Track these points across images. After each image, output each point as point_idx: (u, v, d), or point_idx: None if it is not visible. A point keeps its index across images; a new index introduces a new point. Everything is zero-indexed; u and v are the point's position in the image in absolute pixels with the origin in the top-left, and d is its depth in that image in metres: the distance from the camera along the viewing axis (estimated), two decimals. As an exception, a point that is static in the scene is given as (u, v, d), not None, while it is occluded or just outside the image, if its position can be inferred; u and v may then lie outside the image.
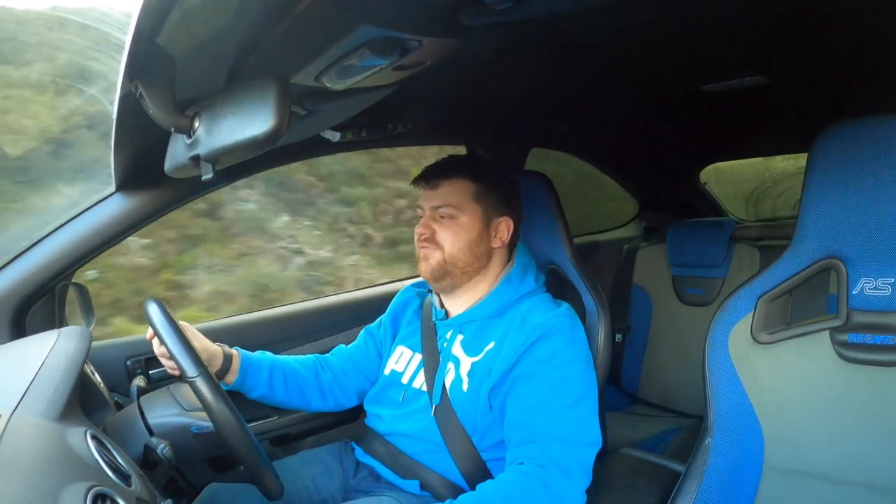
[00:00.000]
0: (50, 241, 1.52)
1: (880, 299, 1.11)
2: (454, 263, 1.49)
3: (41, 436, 0.87)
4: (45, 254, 1.50)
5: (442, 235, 1.49)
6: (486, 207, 1.50)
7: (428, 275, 1.51)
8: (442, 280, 1.52)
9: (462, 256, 1.49)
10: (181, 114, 0.95)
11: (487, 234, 1.51)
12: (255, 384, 1.58)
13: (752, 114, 2.14)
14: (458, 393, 1.46)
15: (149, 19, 0.75)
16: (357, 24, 0.86)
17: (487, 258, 1.53)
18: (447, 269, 1.49)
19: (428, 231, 1.50)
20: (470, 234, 1.48)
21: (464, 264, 1.49)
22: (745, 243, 2.60)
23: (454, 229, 1.48)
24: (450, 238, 1.48)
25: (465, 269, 1.50)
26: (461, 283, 1.53)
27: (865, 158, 1.09)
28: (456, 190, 1.49)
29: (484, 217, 1.50)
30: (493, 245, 1.52)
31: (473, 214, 1.49)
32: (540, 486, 1.25)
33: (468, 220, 1.48)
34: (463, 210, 1.48)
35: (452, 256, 1.48)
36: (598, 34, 1.27)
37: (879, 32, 1.32)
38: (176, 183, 1.52)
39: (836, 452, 1.16)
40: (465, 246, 1.48)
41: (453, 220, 1.49)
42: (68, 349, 1.16)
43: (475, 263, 1.51)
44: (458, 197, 1.49)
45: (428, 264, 1.50)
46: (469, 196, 1.49)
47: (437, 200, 1.50)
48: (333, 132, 1.57)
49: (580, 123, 2.36)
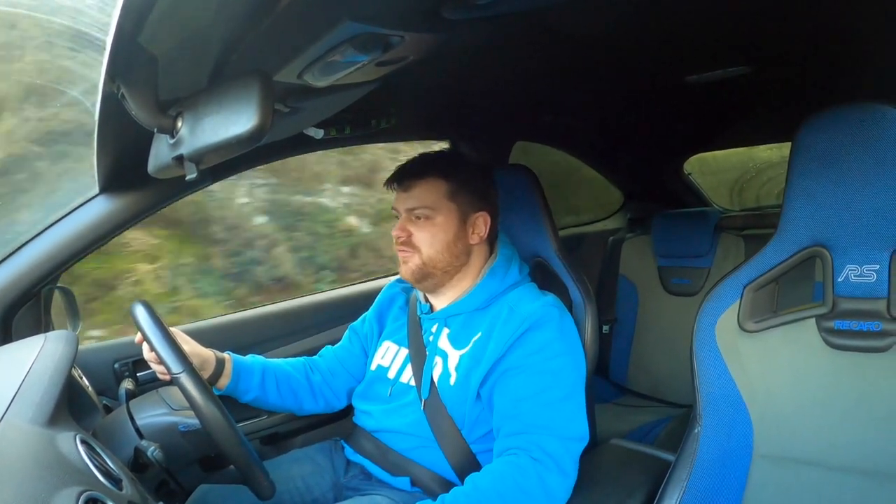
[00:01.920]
0: (33, 245, 1.50)
1: (866, 286, 1.12)
2: (433, 265, 1.48)
3: (31, 441, 0.87)
4: (29, 258, 1.48)
5: (419, 237, 1.48)
6: (462, 204, 1.49)
7: (409, 277, 1.51)
8: (424, 281, 1.51)
9: (440, 258, 1.48)
10: (164, 114, 0.95)
11: (465, 232, 1.50)
12: (248, 387, 1.57)
13: (735, 104, 2.15)
14: (446, 387, 1.45)
15: (130, 18, 0.74)
16: (339, 21, 0.85)
17: (467, 255, 1.52)
18: (427, 271, 1.49)
19: (404, 234, 1.49)
20: (447, 234, 1.48)
21: (443, 265, 1.49)
22: (730, 233, 2.62)
23: (430, 230, 1.47)
24: (427, 239, 1.47)
25: (446, 269, 1.50)
26: (443, 281, 1.52)
27: (848, 146, 1.10)
28: (429, 190, 1.48)
29: (460, 215, 1.49)
30: (471, 242, 1.51)
31: (449, 213, 1.48)
32: (536, 481, 1.26)
33: (444, 220, 1.47)
34: (438, 210, 1.47)
35: (431, 258, 1.47)
36: (580, 27, 1.27)
37: (860, 21, 1.33)
38: (160, 183, 1.50)
39: (824, 438, 1.17)
40: (442, 247, 1.47)
41: (429, 220, 1.47)
42: (55, 354, 1.15)
43: (455, 262, 1.50)
44: (433, 197, 1.47)
45: (407, 267, 1.50)
46: (443, 195, 1.48)
47: (411, 202, 1.48)
48: (317, 129, 1.56)
49: (564, 116, 2.37)
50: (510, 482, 1.25)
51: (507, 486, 1.25)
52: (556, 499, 1.28)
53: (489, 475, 1.28)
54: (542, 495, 1.26)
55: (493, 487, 1.25)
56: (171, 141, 0.96)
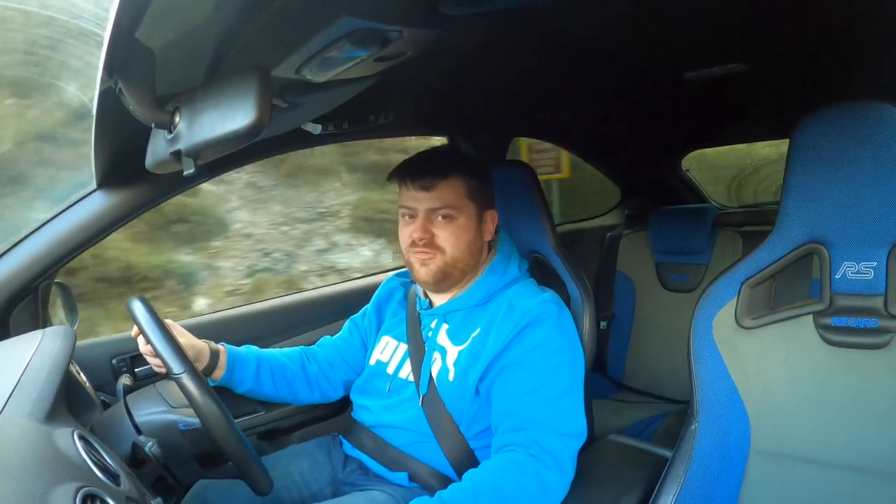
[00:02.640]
0: (31, 241, 1.50)
1: (863, 283, 1.12)
2: (454, 265, 1.46)
3: (28, 437, 0.87)
4: (27, 254, 1.48)
5: (442, 238, 1.44)
6: (478, 203, 1.48)
7: (430, 279, 1.47)
8: (443, 282, 1.49)
9: (463, 257, 1.46)
10: (161, 109, 0.95)
11: (480, 230, 1.49)
12: (243, 379, 1.57)
13: (733, 101, 2.15)
14: (445, 382, 1.45)
15: (127, 13, 0.74)
16: (337, 16, 0.85)
17: (481, 253, 1.51)
18: (448, 272, 1.46)
19: (427, 235, 1.44)
20: (469, 234, 1.45)
21: (464, 264, 1.47)
22: (728, 229, 2.62)
23: (454, 231, 1.44)
24: (451, 240, 1.44)
25: (464, 269, 1.48)
26: (459, 280, 1.51)
27: (846, 144, 1.10)
28: (452, 189, 1.44)
29: (477, 213, 1.48)
30: (485, 239, 1.51)
31: (469, 212, 1.46)
32: (534, 478, 1.26)
33: (466, 220, 1.45)
34: (461, 210, 1.44)
35: (454, 258, 1.45)
36: (578, 23, 1.27)
37: (858, 18, 1.33)
38: (157, 179, 1.50)
39: (821, 435, 1.17)
40: (465, 247, 1.45)
41: (453, 220, 1.44)
42: (53, 349, 1.15)
43: (472, 261, 1.49)
44: (456, 197, 1.44)
45: (429, 270, 1.45)
46: (464, 194, 1.45)
47: (434, 202, 1.43)
48: (315, 125, 1.56)
49: (562, 113, 2.37)
50: (508, 479, 1.25)
51: (505, 483, 1.25)
52: (553, 495, 1.28)
53: (487, 472, 1.28)
54: (540, 492, 1.26)
55: (491, 484, 1.25)
56: (168, 136, 0.96)
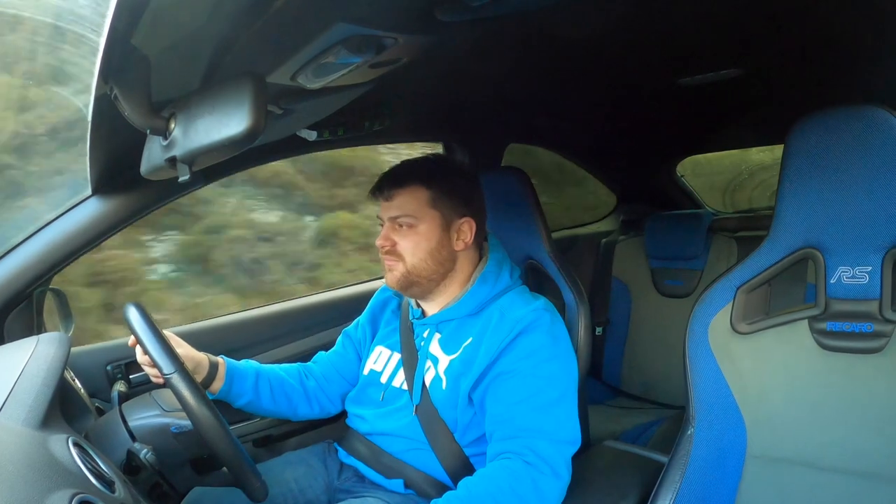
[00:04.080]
0: (25, 247, 1.49)
1: (858, 287, 1.12)
2: (417, 273, 1.47)
3: (23, 444, 0.86)
4: (21, 260, 1.48)
5: (402, 246, 1.47)
6: (444, 212, 1.48)
7: (395, 285, 1.50)
8: (409, 289, 1.51)
9: (424, 265, 1.47)
10: (157, 115, 0.95)
11: (449, 239, 1.49)
12: (242, 391, 1.56)
13: (727, 106, 2.16)
14: (438, 391, 1.46)
15: (123, 19, 0.74)
16: (332, 22, 0.85)
17: (452, 262, 1.51)
18: (412, 279, 1.48)
19: (388, 243, 1.47)
20: (430, 242, 1.46)
21: (428, 273, 1.48)
22: (723, 235, 2.63)
23: (413, 238, 1.46)
24: (410, 248, 1.46)
25: (431, 277, 1.49)
26: (430, 288, 1.51)
27: (840, 148, 1.10)
28: (411, 198, 1.46)
29: (443, 222, 1.48)
30: (456, 248, 1.50)
31: (432, 221, 1.47)
32: (529, 485, 1.26)
33: (427, 228, 1.46)
34: (421, 218, 1.46)
35: (415, 266, 1.46)
36: (573, 30, 1.27)
37: (851, 24, 1.34)
38: (153, 185, 1.50)
39: (817, 439, 1.18)
40: (425, 255, 1.46)
41: (412, 228, 1.46)
42: (48, 356, 1.15)
43: (440, 269, 1.49)
44: (415, 205, 1.46)
45: (393, 276, 1.49)
46: (425, 203, 1.46)
47: (393, 210, 1.47)
48: (310, 131, 1.56)
49: (557, 118, 2.37)
50: (504, 486, 1.25)
51: (500, 491, 1.25)
52: (549, 502, 1.28)
53: (482, 479, 1.28)
54: (536, 499, 1.26)
55: (486, 492, 1.25)
56: (163, 142, 0.96)
